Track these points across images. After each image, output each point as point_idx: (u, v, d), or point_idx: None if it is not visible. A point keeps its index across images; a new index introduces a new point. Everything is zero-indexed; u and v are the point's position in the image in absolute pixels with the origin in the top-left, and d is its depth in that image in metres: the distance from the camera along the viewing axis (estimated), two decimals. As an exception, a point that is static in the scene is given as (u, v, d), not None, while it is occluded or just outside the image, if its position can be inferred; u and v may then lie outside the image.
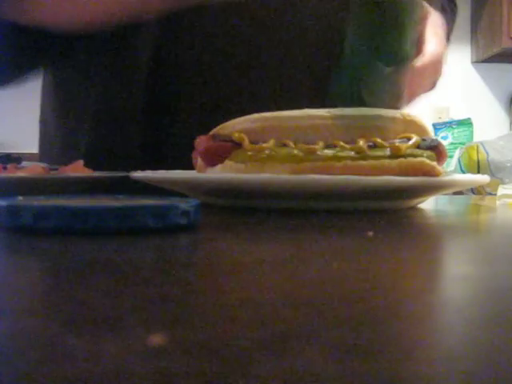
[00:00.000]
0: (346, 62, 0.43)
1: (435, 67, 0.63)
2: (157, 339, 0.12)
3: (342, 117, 0.44)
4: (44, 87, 0.79)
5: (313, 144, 0.43)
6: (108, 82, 0.69)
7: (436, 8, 0.75)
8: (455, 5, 0.86)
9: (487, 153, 1.68)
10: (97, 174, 0.57)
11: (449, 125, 2.45)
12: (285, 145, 0.43)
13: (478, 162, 1.69)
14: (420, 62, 0.60)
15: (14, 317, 0.13)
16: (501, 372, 0.10)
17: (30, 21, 0.57)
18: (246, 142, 0.43)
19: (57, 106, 0.76)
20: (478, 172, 1.65)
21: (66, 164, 0.59)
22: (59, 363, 0.10)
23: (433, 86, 0.68)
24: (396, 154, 0.42)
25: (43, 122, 0.80)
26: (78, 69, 0.72)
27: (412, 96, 0.63)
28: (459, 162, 1.75)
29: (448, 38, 0.78)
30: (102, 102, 0.70)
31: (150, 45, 0.66)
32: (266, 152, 0.43)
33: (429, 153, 0.44)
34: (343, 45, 0.43)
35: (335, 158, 0.42)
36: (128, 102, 0.68)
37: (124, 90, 0.68)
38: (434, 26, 0.65)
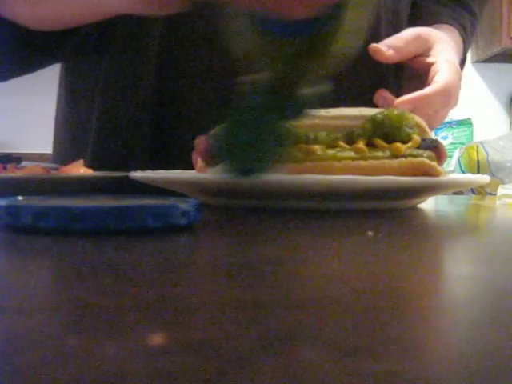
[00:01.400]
0: None
1: (446, 96, 0.57)
2: (157, 339, 0.12)
3: (342, 117, 0.44)
4: (59, 87, 0.80)
5: (313, 144, 0.43)
6: (113, 83, 0.69)
7: (453, 24, 0.71)
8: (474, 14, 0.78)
9: (487, 153, 1.68)
10: (97, 173, 0.57)
11: (449, 125, 2.45)
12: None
13: (478, 162, 1.69)
14: (428, 90, 0.55)
15: (14, 317, 0.13)
16: (501, 372, 0.10)
17: (6, 14, 0.55)
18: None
19: (67, 106, 0.76)
20: (478, 172, 1.65)
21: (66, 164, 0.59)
22: (59, 363, 0.10)
23: (444, 116, 0.61)
24: (396, 154, 0.42)
25: (56, 123, 0.80)
26: (86, 69, 0.73)
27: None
28: (459, 161, 1.75)
29: (465, 54, 0.74)
30: (108, 103, 0.70)
31: (156, 46, 0.66)
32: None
33: (429, 153, 0.44)
34: None
35: (335, 158, 0.42)
36: (132, 102, 0.68)
37: (129, 91, 0.68)
38: (446, 51, 0.61)
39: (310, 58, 0.32)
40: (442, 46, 0.62)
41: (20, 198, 0.32)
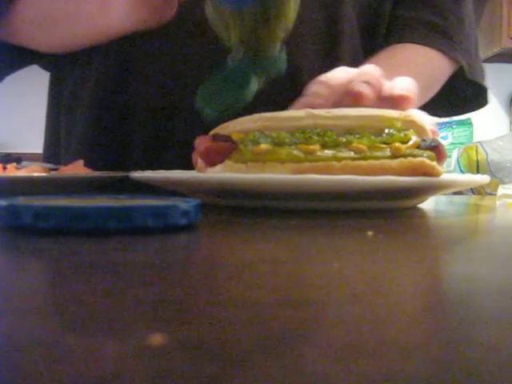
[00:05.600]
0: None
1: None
2: (157, 339, 0.12)
3: (342, 117, 0.44)
4: (49, 90, 0.80)
5: (313, 144, 0.43)
6: (107, 81, 0.69)
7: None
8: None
9: (486, 153, 1.68)
10: (97, 173, 0.57)
11: (449, 125, 2.45)
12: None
13: (478, 162, 1.69)
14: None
15: (14, 317, 0.13)
16: (500, 372, 0.10)
17: (18, 42, 0.63)
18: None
19: (56, 105, 0.77)
20: (478, 172, 1.65)
21: (65, 164, 0.59)
22: (59, 363, 0.10)
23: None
24: (396, 154, 0.42)
25: (48, 123, 0.80)
26: (73, 68, 0.73)
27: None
28: (458, 162, 1.75)
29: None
30: (103, 102, 0.70)
31: (152, 40, 0.66)
32: (266, 152, 0.43)
33: (429, 153, 0.44)
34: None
35: (335, 158, 0.42)
36: (129, 101, 0.68)
37: (125, 89, 0.68)
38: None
39: (265, 25, 0.44)
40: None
41: (20, 198, 0.32)
